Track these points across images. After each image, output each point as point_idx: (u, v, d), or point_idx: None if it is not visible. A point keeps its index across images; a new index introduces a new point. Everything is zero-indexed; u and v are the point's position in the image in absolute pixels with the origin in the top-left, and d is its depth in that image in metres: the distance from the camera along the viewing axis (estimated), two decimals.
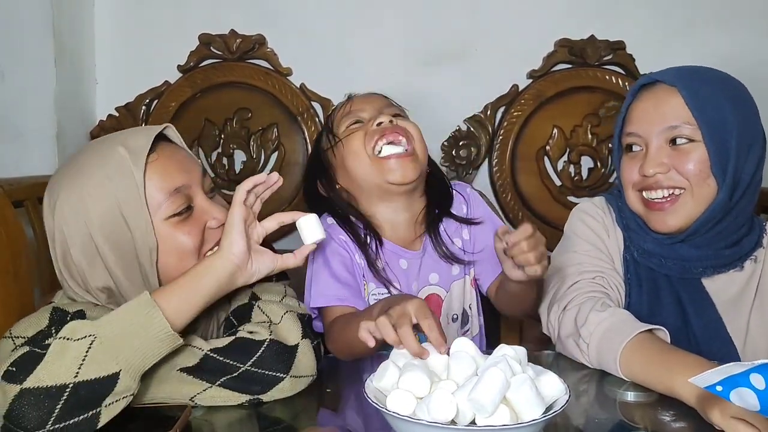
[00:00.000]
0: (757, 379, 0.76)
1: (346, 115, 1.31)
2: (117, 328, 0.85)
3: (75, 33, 1.85)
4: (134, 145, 0.97)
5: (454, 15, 1.96)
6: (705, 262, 1.16)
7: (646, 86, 1.17)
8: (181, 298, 0.90)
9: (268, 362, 0.93)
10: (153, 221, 0.95)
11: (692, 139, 1.11)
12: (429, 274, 1.30)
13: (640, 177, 1.14)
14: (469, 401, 0.73)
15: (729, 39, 1.94)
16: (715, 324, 1.15)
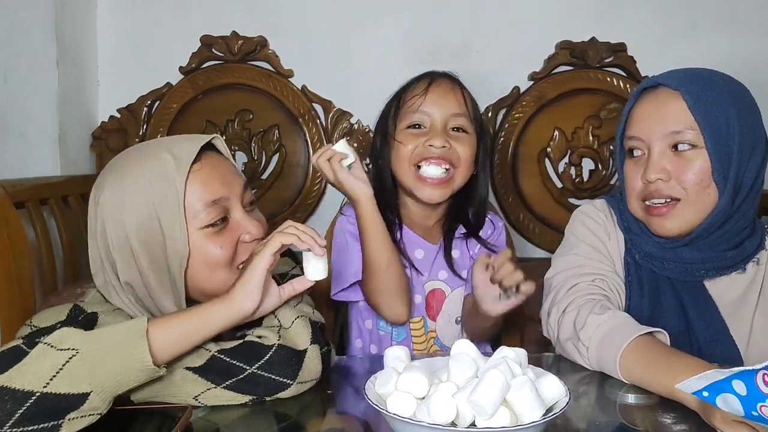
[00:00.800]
0: (739, 385, 0.77)
1: (413, 112, 1.33)
2: (101, 347, 0.83)
3: (77, 34, 1.86)
4: (180, 152, 0.97)
5: (456, 17, 1.96)
6: (707, 264, 1.15)
7: (648, 89, 1.16)
8: (177, 334, 0.88)
9: (276, 367, 0.93)
10: (188, 230, 0.96)
11: (694, 144, 1.10)
12: (439, 270, 1.38)
13: (642, 184, 1.14)
14: (469, 403, 0.73)
15: (730, 41, 1.94)
16: (718, 327, 1.14)
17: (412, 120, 1.33)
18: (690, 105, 1.09)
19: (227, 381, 0.92)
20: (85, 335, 0.83)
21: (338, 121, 1.96)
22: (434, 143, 1.30)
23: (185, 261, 0.95)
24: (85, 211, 1.66)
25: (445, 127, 1.32)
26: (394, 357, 0.87)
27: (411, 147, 1.32)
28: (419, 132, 1.33)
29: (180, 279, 0.96)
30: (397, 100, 1.38)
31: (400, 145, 1.33)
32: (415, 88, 1.36)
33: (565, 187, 1.96)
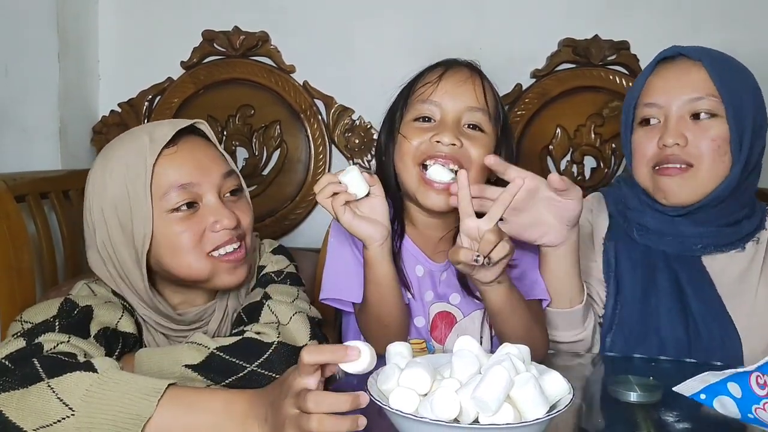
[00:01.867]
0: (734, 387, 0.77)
1: (424, 101, 1.17)
2: (97, 418, 0.78)
3: (78, 28, 1.85)
4: (158, 134, 1.00)
5: (458, 13, 1.96)
6: (705, 239, 1.16)
7: (666, 60, 1.17)
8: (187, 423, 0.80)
9: (276, 365, 0.92)
10: (154, 211, 0.97)
11: (714, 113, 1.11)
12: (451, 293, 1.22)
13: (656, 150, 1.13)
14: (472, 399, 0.72)
15: (733, 40, 1.92)
16: (714, 304, 1.14)
17: (421, 111, 1.17)
18: (712, 74, 1.11)
19: (227, 379, 0.91)
20: (92, 391, 0.79)
21: (340, 117, 1.95)
22: (443, 139, 1.12)
23: (148, 240, 0.97)
24: None
25: (458, 122, 1.15)
26: (396, 353, 0.86)
27: (416, 142, 1.15)
28: (428, 126, 1.16)
29: (142, 257, 0.98)
30: (407, 89, 1.23)
31: (404, 139, 1.17)
32: (428, 75, 1.20)
33: None
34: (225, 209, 1.01)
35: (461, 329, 1.21)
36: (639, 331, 1.15)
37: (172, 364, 0.90)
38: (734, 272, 1.16)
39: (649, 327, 1.14)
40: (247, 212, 1.06)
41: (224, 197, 1.04)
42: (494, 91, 1.23)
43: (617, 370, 1.13)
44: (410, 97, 1.21)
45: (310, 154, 1.96)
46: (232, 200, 1.05)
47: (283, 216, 1.95)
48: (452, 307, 1.21)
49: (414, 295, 1.20)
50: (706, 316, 1.12)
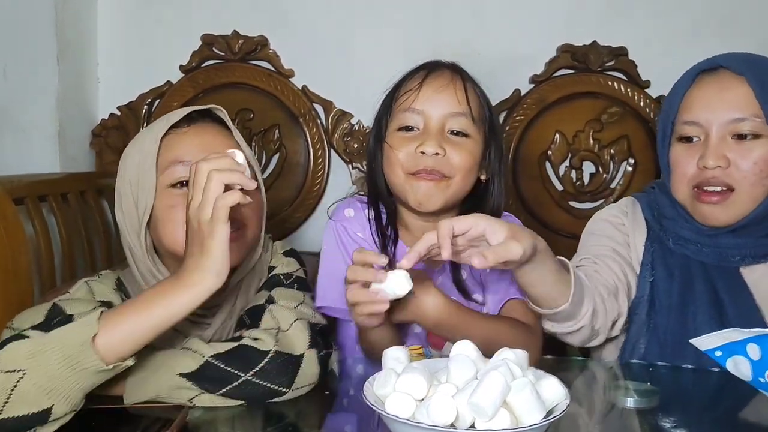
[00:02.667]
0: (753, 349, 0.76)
1: (406, 109, 1.17)
2: (47, 362, 0.79)
3: (78, 31, 1.85)
4: (174, 116, 1.05)
5: (457, 19, 1.96)
6: (744, 250, 1.13)
7: (705, 72, 1.12)
8: (132, 331, 0.83)
9: (272, 375, 0.91)
10: (157, 185, 1.02)
11: (758, 134, 1.07)
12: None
13: (697, 170, 1.11)
14: (468, 405, 0.72)
15: (731, 46, 1.92)
16: (751, 313, 1.11)
17: (403, 120, 1.17)
18: (757, 92, 1.06)
19: (221, 389, 0.90)
20: (31, 348, 0.80)
21: (339, 121, 1.95)
22: (426, 149, 1.12)
23: (149, 211, 1.02)
24: (84, 209, 1.67)
25: (442, 130, 1.15)
26: (393, 358, 0.86)
27: (403, 153, 1.15)
28: (412, 135, 1.16)
29: (143, 226, 1.03)
30: (390, 96, 1.23)
31: (390, 149, 1.17)
32: (408, 82, 1.19)
33: (565, 190, 1.96)
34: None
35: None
36: (676, 339, 1.13)
37: (166, 371, 0.89)
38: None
39: (687, 335, 1.12)
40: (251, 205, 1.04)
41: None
42: (478, 92, 1.22)
43: (615, 375, 1.13)
44: (393, 105, 1.21)
45: (309, 158, 1.96)
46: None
47: (282, 220, 1.95)
48: None
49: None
50: (743, 325, 1.10)
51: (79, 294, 1.01)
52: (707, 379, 1.06)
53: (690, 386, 1.02)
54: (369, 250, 0.97)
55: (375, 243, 1.20)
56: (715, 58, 1.13)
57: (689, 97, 1.13)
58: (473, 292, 1.20)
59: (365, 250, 0.99)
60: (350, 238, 1.20)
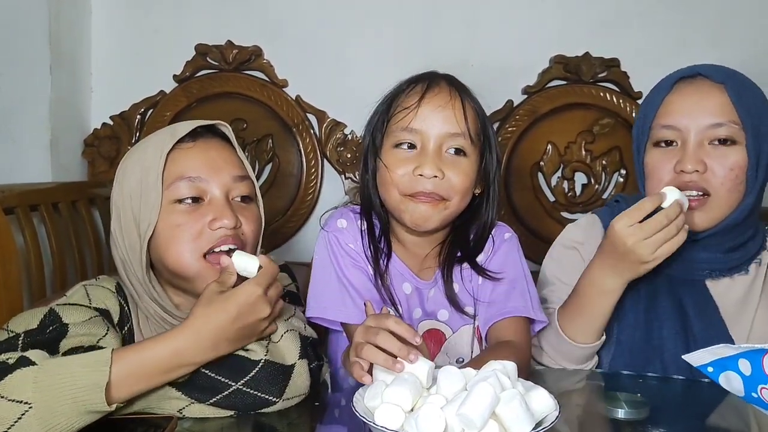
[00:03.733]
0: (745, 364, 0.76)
1: (404, 128, 1.13)
2: (55, 400, 0.79)
3: (71, 40, 1.85)
4: (179, 130, 1.04)
5: (451, 30, 1.97)
6: (712, 264, 1.15)
7: (684, 79, 1.14)
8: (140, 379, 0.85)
9: (262, 384, 0.91)
10: (162, 200, 1.00)
11: (734, 140, 1.09)
12: (439, 310, 1.20)
13: (674, 175, 1.12)
14: (457, 416, 0.72)
15: (722, 58, 1.93)
16: (717, 326, 1.13)
17: (401, 138, 1.13)
18: (734, 100, 1.09)
19: (211, 398, 0.90)
20: (40, 380, 0.79)
21: (332, 131, 1.96)
22: (425, 172, 1.10)
23: (152, 228, 0.99)
24: (75, 219, 1.66)
25: (439, 150, 1.12)
26: (383, 369, 0.86)
27: (400, 173, 1.12)
28: (409, 156, 1.13)
29: (144, 243, 1.00)
30: (386, 108, 1.18)
31: (384, 169, 1.14)
32: (406, 98, 1.16)
33: (557, 200, 1.97)
34: (228, 209, 1.01)
35: (450, 347, 1.20)
36: (642, 355, 1.14)
37: None
38: (737, 294, 1.16)
39: (653, 351, 1.13)
40: (252, 220, 1.06)
41: (232, 200, 1.04)
42: (475, 107, 1.20)
43: (605, 386, 1.13)
44: (389, 120, 1.17)
45: (302, 168, 1.96)
46: (240, 205, 1.05)
47: (275, 230, 1.94)
48: (441, 323, 1.20)
49: (402, 313, 1.18)
50: (708, 338, 1.11)
51: (75, 298, 1.00)
52: (697, 390, 1.06)
53: (680, 398, 1.02)
54: (405, 323, 0.89)
55: (367, 255, 1.19)
56: (694, 66, 1.15)
57: (668, 103, 1.14)
58: (465, 305, 1.19)
59: (401, 321, 0.90)
60: (342, 249, 1.18)
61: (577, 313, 1.14)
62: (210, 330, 0.88)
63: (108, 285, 1.06)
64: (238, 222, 1.02)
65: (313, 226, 1.95)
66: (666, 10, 1.97)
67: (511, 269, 1.20)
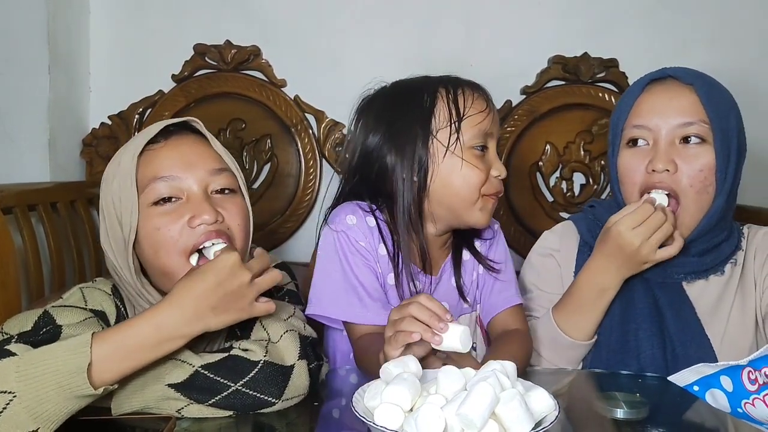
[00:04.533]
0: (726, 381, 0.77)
1: (480, 131, 1.17)
2: (40, 387, 0.79)
3: (70, 40, 1.85)
4: (150, 131, 1.03)
5: (450, 30, 1.97)
6: (687, 267, 1.16)
7: (655, 81, 1.16)
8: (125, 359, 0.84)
9: (261, 385, 0.91)
10: (140, 205, 0.99)
11: (704, 139, 1.11)
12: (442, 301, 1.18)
13: (645, 175, 1.13)
14: (457, 416, 0.72)
15: (722, 60, 1.96)
16: (693, 327, 1.14)
17: (479, 140, 1.17)
18: (703, 99, 1.11)
19: (210, 399, 0.89)
20: (23, 369, 0.80)
21: (330, 131, 1.96)
22: (502, 174, 1.18)
23: (134, 232, 0.99)
24: (74, 219, 1.66)
25: (498, 159, 1.21)
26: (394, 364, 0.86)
27: (482, 175, 1.16)
28: (482, 155, 1.18)
29: (129, 248, 0.99)
30: (450, 105, 1.19)
31: (469, 167, 1.15)
32: (474, 100, 1.20)
33: (556, 201, 1.97)
34: (206, 204, 1.00)
35: None
36: (619, 356, 1.15)
37: (154, 381, 0.88)
38: (712, 295, 1.17)
39: (629, 352, 1.14)
40: (236, 212, 1.03)
41: (211, 194, 1.03)
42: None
43: (603, 386, 1.13)
44: (462, 119, 1.17)
45: (300, 169, 1.96)
46: (220, 198, 1.04)
47: (273, 230, 1.94)
48: None
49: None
50: (684, 338, 1.12)
51: (71, 300, 1.00)
52: None
53: (679, 398, 1.02)
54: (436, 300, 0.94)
55: (375, 253, 1.18)
56: (664, 69, 1.18)
57: (639, 104, 1.16)
58: (467, 293, 1.26)
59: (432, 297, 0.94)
60: (353, 246, 1.17)
61: (576, 312, 1.15)
62: (191, 299, 0.87)
63: (104, 287, 1.05)
64: (219, 216, 1.00)
65: (311, 226, 1.95)
66: (664, 11, 1.97)
67: (505, 261, 1.29)
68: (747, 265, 1.18)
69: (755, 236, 1.21)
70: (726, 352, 1.13)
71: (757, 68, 1.98)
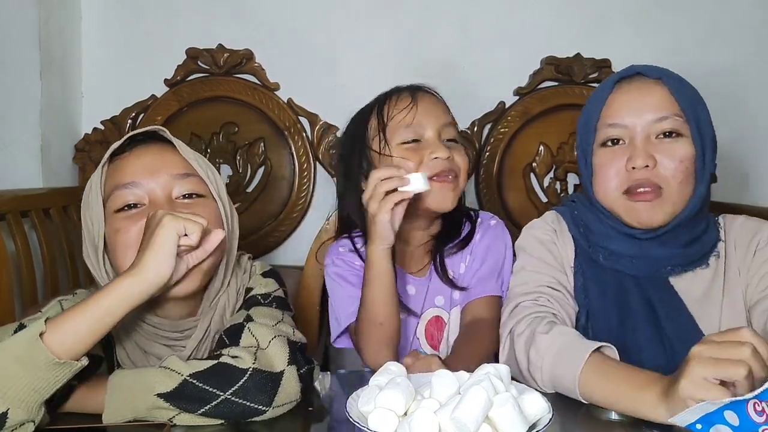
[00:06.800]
0: (731, 415, 0.76)
1: (406, 126, 1.27)
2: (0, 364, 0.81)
3: (61, 45, 1.85)
4: (116, 143, 1.07)
5: (443, 32, 1.98)
6: (673, 260, 1.15)
7: (623, 79, 1.16)
8: (83, 322, 0.85)
9: (251, 393, 0.90)
10: (105, 212, 1.02)
11: (680, 133, 1.11)
12: (435, 297, 1.34)
13: (625, 173, 1.13)
14: (451, 420, 0.72)
15: (715, 60, 1.97)
16: (687, 323, 1.13)
17: (409, 134, 1.27)
18: (674, 93, 1.11)
19: (200, 409, 0.89)
20: None
21: (324, 134, 1.95)
22: (440, 154, 1.24)
23: (102, 240, 1.02)
24: (67, 224, 1.65)
25: (440, 138, 1.27)
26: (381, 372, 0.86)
27: (416, 162, 1.24)
28: (417, 145, 1.26)
29: (100, 255, 1.03)
30: (378, 116, 1.31)
31: (403, 161, 1.24)
32: (398, 101, 1.30)
33: (549, 201, 1.97)
34: (167, 208, 0.99)
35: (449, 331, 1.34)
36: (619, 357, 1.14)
37: (143, 391, 0.88)
38: (699, 289, 1.16)
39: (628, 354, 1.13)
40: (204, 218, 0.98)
41: (176, 199, 1.04)
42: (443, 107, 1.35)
43: None
44: (387, 121, 1.29)
45: (294, 172, 1.96)
46: (185, 203, 1.04)
47: (267, 234, 1.94)
48: (439, 309, 1.34)
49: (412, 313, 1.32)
50: (681, 335, 1.12)
51: (50, 313, 0.99)
52: None
53: None
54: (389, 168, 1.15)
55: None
56: (632, 66, 1.17)
57: (612, 102, 1.16)
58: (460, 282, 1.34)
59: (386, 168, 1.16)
60: (351, 268, 1.31)
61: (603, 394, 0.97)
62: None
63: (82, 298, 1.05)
64: None
65: (305, 229, 1.95)
66: (657, 11, 1.98)
67: (492, 256, 1.34)
68: (729, 256, 1.18)
69: (732, 226, 1.20)
70: None
71: (749, 67, 1.98)
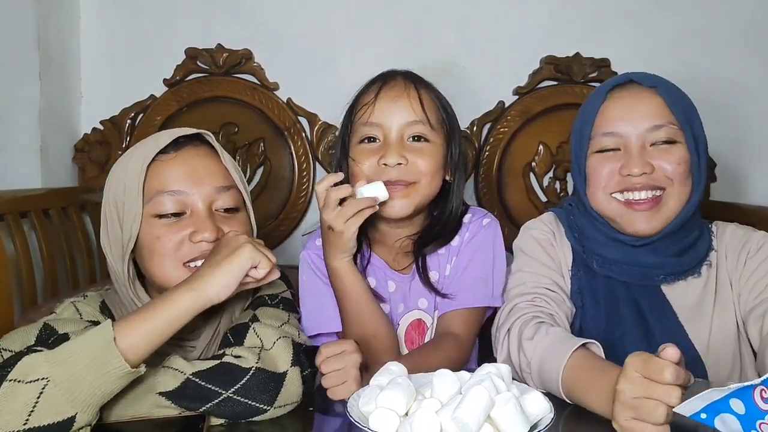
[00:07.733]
0: (737, 403, 0.76)
1: (363, 124, 1.20)
2: (72, 368, 0.80)
3: (60, 46, 1.84)
4: (161, 139, 1.03)
5: (442, 32, 1.97)
6: (665, 269, 1.15)
7: (617, 87, 1.16)
8: (147, 331, 0.85)
9: (253, 392, 0.90)
10: (143, 214, 1.00)
11: (675, 139, 1.11)
12: (419, 299, 1.26)
13: (619, 178, 1.12)
14: (452, 420, 0.72)
15: (713, 60, 1.97)
16: (676, 331, 1.13)
17: (364, 133, 1.20)
18: (668, 101, 1.11)
19: (202, 407, 0.89)
20: (51, 358, 0.80)
21: (324, 134, 1.95)
22: (388, 161, 1.16)
23: (133, 240, 0.99)
24: (66, 225, 1.65)
25: (401, 139, 1.18)
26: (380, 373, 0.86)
27: (366, 165, 1.18)
28: (373, 147, 1.19)
29: (126, 254, 1.00)
30: (350, 110, 1.26)
31: (354, 163, 1.20)
32: (365, 96, 1.23)
33: (549, 201, 1.97)
34: (209, 222, 1.01)
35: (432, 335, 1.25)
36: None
37: (146, 390, 0.88)
38: (691, 298, 1.16)
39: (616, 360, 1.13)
40: (238, 230, 1.04)
41: (216, 211, 1.04)
42: (433, 97, 1.24)
43: None
44: (353, 120, 1.23)
45: (294, 172, 1.96)
46: (224, 216, 1.04)
47: (267, 234, 1.94)
48: (422, 312, 1.26)
49: (390, 311, 1.24)
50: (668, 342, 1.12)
51: (66, 314, 1.00)
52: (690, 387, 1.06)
53: None
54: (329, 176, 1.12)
55: None
56: (625, 74, 1.17)
57: (605, 110, 1.15)
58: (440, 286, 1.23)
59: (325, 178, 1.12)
60: (323, 261, 1.21)
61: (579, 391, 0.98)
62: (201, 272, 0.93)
63: (93, 303, 1.05)
64: (221, 233, 1.01)
65: (305, 229, 1.94)
66: (656, 11, 1.98)
67: (480, 260, 1.23)
68: (720, 265, 1.18)
69: (723, 235, 1.20)
70: (714, 357, 1.13)
71: (748, 67, 1.98)
